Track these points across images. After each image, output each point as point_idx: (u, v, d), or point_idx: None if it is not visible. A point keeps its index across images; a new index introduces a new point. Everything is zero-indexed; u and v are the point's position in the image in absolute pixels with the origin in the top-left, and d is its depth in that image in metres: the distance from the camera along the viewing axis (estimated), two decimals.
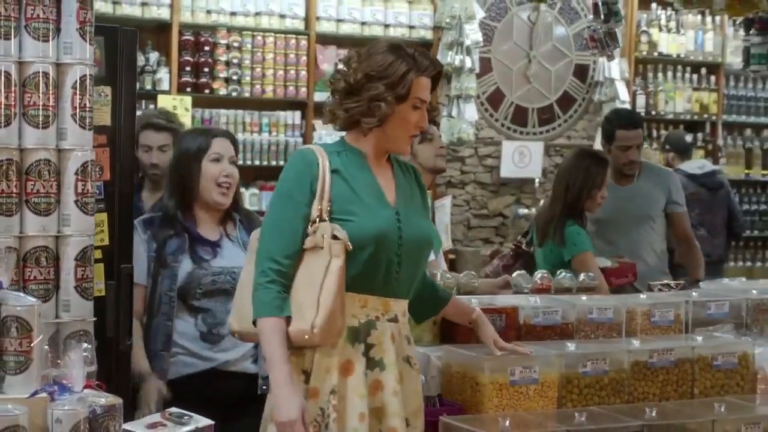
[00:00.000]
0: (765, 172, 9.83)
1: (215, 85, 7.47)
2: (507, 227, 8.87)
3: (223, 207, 4.11)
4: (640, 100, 9.23)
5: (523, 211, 8.74)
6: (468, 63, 8.23)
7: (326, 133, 7.84)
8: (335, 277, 3.12)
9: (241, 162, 7.33)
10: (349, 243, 3.14)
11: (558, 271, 4.70)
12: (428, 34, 8.30)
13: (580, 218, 5.31)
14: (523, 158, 8.83)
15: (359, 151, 3.31)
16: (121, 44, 3.49)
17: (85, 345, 2.92)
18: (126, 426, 2.89)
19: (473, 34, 8.26)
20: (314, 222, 3.17)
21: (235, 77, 7.53)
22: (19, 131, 2.99)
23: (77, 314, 3.08)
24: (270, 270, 3.16)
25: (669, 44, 9.36)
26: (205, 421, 3.07)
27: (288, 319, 3.14)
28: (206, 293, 4.02)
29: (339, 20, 7.93)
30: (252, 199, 7.53)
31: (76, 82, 3.03)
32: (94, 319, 3.13)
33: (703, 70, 9.58)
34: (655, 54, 9.30)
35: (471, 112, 8.32)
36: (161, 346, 3.99)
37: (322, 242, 3.14)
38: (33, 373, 2.80)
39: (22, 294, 2.87)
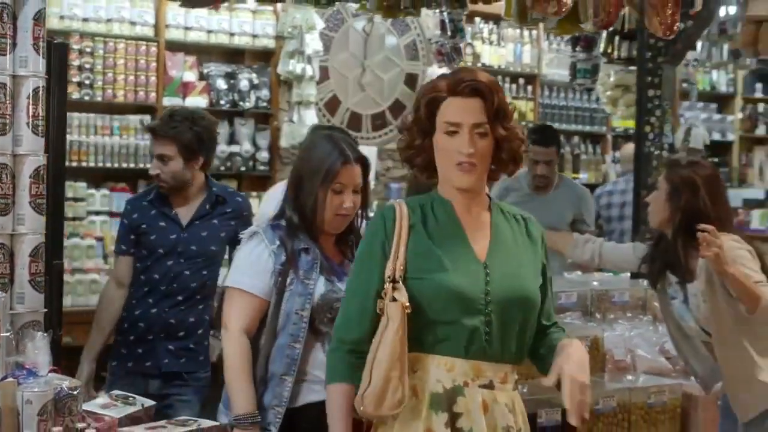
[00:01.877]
0: (575, 175, 10.32)
1: (68, 89, 7.54)
2: None
3: (338, 232, 3.74)
4: None
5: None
6: (309, 71, 8.46)
7: None
8: (389, 343, 2.86)
9: (92, 164, 7.59)
10: (408, 304, 2.88)
11: None
12: (271, 43, 8.49)
13: None
14: None
15: (446, 201, 3.03)
16: (53, 56, 3.63)
17: (41, 334, 3.18)
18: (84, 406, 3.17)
19: (313, 43, 8.48)
20: (386, 283, 2.93)
21: (87, 82, 7.59)
22: None
23: (31, 306, 3.27)
24: (336, 338, 3.03)
25: (491, 56, 9.82)
26: (149, 402, 3.36)
27: (355, 386, 2.94)
28: (335, 318, 3.32)
29: (187, 28, 8.07)
30: (102, 200, 7.63)
31: (30, 93, 3.22)
32: (45, 310, 3.32)
33: (521, 81, 10.10)
34: (479, 65, 9.68)
35: (311, 117, 8.53)
36: (284, 370, 3.57)
37: (383, 305, 2.92)
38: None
39: None
